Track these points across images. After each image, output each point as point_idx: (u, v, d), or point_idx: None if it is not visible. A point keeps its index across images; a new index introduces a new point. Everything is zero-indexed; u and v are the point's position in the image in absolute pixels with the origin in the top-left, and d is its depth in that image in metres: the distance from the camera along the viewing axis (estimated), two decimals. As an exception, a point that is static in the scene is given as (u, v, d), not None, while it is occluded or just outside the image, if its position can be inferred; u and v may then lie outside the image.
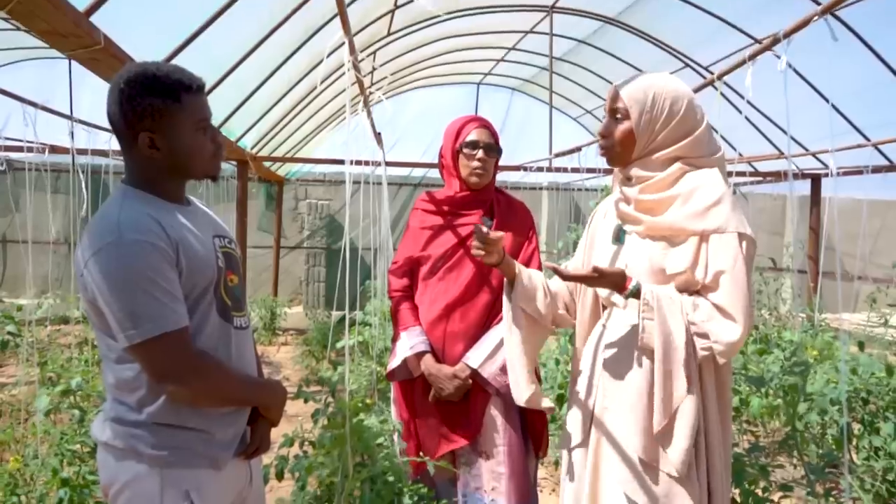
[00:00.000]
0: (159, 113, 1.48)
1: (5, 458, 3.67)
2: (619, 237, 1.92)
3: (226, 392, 1.57)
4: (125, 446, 1.50)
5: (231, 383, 1.58)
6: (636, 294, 1.72)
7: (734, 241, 1.70)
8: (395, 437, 2.53)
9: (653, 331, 1.70)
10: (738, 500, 2.40)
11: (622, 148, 1.85)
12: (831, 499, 2.32)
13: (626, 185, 1.89)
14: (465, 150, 2.42)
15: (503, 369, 2.31)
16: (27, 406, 3.97)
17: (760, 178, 7.70)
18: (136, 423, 1.50)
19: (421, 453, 2.37)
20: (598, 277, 1.72)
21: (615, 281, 1.73)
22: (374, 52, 6.33)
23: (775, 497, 2.47)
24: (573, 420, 1.99)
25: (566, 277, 1.77)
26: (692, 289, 1.76)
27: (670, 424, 1.71)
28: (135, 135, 1.49)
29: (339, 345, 3.13)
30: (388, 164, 5.33)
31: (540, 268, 2.46)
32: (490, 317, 2.41)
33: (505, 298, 2.12)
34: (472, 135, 2.42)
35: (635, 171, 1.85)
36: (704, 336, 1.70)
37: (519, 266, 2.11)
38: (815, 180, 7.49)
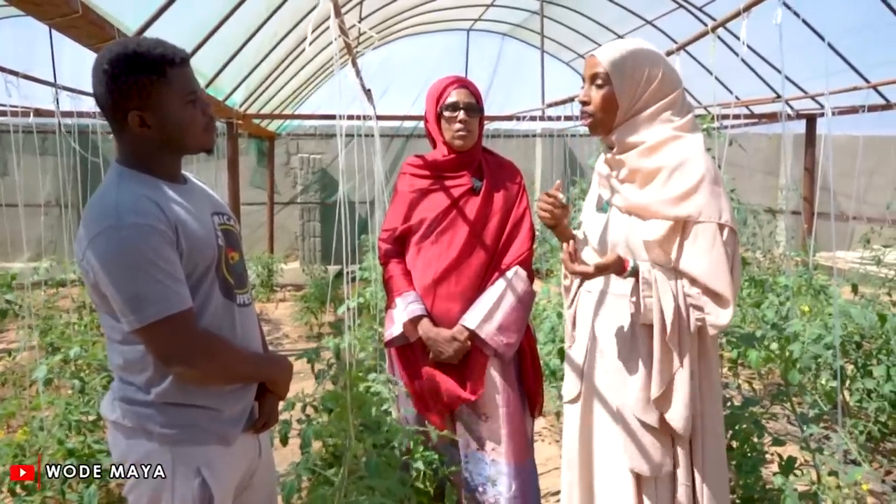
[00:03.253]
0: (146, 89, 1.45)
1: (12, 425, 3.72)
2: (601, 207, 1.96)
3: (233, 370, 1.58)
4: (134, 425, 1.52)
5: (237, 361, 1.59)
6: (634, 273, 1.75)
7: (711, 229, 1.72)
8: (400, 399, 2.56)
9: (652, 307, 1.73)
10: (735, 448, 2.46)
11: (604, 114, 1.85)
12: (824, 452, 2.37)
13: (610, 154, 1.89)
14: (445, 114, 2.38)
15: (500, 329, 2.34)
16: (29, 373, 4.00)
17: (755, 120, 7.64)
18: (145, 402, 1.51)
19: (426, 423, 2.40)
20: (600, 270, 1.74)
21: (615, 268, 1.75)
22: (361, 2, 6.18)
23: (767, 442, 2.53)
24: (568, 375, 2.06)
25: (572, 273, 1.78)
26: (665, 267, 1.78)
27: (668, 392, 1.77)
28: (124, 114, 1.47)
29: (339, 310, 3.14)
30: (379, 117, 5.25)
31: (532, 228, 2.47)
32: (485, 278, 2.41)
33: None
34: (452, 96, 2.38)
35: (618, 137, 1.84)
36: (700, 308, 1.74)
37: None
38: (811, 120, 7.44)
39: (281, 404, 1.91)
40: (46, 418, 3.00)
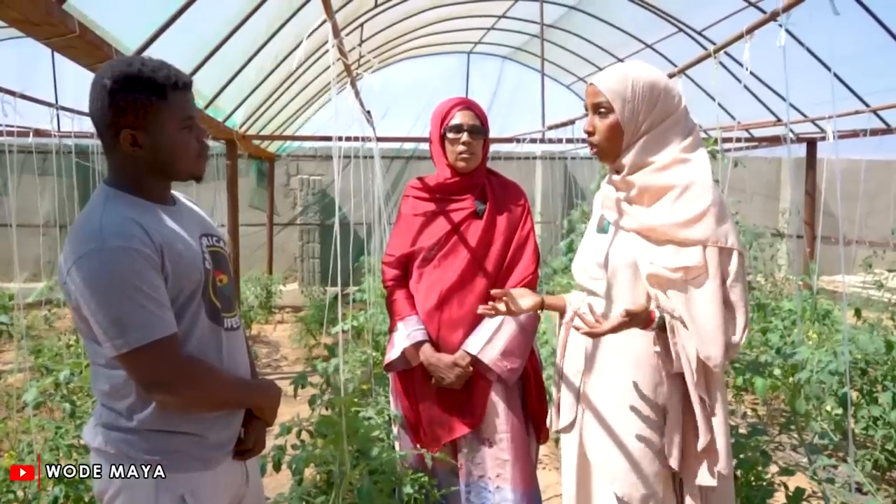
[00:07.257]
0: (144, 109, 1.43)
1: (3, 448, 3.64)
2: (603, 227, 1.93)
3: (217, 397, 1.54)
4: (117, 451, 1.47)
5: (222, 388, 1.54)
6: (661, 325, 1.71)
7: (714, 256, 1.70)
8: (394, 428, 2.50)
9: (682, 356, 1.70)
10: (741, 478, 2.39)
11: (610, 142, 1.82)
12: (835, 484, 2.30)
13: (618, 176, 1.86)
14: (449, 135, 2.36)
15: (503, 354, 2.29)
16: (19, 395, 3.94)
17: (755, 144, 7.63)
18: (128, 429, 1.47)
19: (418, 445, 2.34)
20: (629, 321, 1.67)
21: (643, 319, 1.69)
22: (362, 25, 6.20)
23: (774, 473, 2.46)
24: (564, 398, 2.00)
25: (603, 333, 1.69)
26: (669, 288, 1.73)
27: (712, 439, 1.73)
28: (116, 132, 1.44)
29: (332, 330, 3.09)
30: (379, 139, 5.24)
31: (536, 251, 2.42)
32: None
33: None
34: (456, 118, 2.36)
35: (627, 161, 1.81)
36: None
37: (564, 298, 2.07)
38: (811, 144, 7.42)
39: (275, 429, 1.86)
40: (36, 441, 2.94)
